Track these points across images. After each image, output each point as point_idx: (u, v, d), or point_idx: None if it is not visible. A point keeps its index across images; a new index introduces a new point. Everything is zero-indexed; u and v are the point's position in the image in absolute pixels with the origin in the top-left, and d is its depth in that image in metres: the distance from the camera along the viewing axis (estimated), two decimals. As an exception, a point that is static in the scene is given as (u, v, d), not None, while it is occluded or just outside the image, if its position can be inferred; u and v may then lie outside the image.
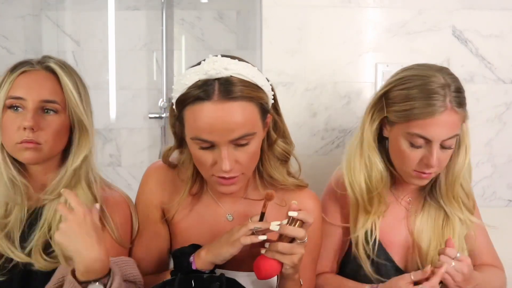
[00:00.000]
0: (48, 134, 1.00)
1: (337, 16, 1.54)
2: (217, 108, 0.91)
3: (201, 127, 0.92)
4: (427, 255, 1.15)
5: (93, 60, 2.26)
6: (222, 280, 0.93)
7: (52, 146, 1.01)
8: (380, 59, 1.55)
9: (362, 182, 1.13)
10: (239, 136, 0.92)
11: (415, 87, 1.05)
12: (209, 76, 0.91)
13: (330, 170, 1.31)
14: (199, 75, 0.92)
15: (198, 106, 0.92)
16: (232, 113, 0.91)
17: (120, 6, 2.27)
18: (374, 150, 1.14)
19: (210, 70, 0.91)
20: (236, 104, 0.91)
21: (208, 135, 0.92)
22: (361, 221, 1.14)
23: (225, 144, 0.92)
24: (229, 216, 1.10)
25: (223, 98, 0.91)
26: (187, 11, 2.31)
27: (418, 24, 1.55)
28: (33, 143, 0.98)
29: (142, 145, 2.36)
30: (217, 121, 0.91)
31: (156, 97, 2.31)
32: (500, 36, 1.57)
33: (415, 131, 1.03)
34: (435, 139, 1.03)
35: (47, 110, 1.01)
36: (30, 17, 2.26)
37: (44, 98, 1.00)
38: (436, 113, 1.01)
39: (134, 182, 2.31)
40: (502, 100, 1.60)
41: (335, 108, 1.57)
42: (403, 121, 1.06)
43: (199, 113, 0.92)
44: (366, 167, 1.13)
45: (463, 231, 1.17)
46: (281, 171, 1.08)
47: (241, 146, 0.95)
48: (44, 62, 1.04)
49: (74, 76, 1.06)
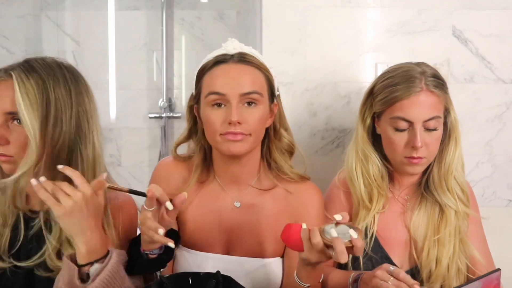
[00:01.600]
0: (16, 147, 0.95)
1: (337, 16, 1.54)
2: (231, 67, 1.07)
3: (215, 82, 1.06)
4: (423, 251, 1.16)
5: (93, 60, 2.26)
6: (218, 277, 0.94)
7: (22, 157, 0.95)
8: (380, 59, 1.56)
9: (360, 177, 1.18)
10: (249, 91, 1.05)
11: (394, 77, 1.14)
12: (227, 51, 1.08)
13: (330, 170, 1.31)
14: (218, 51, 1.09)
15: (216, 67, 1.08)
16: (244, 72, 1.07)
17: (120, 6, 2.27)
18: (368, 144, 1.19)
19: (229, 46, 1.09)
20: (248, 67, 1.08)
21: (222, 87, 1.04)
22: (361, 216, 1.17)
23: (236, 99, 1.04)
24: (237, 203, 1.14)
25: (238, 61, 1.07)
26: (187, 11, 2.31)
27: (418, 24, 1.55)
28: (6, 157, 0.95)
29: (142, 145, 2.35)
30: (230, 75, 1.06)
31: (156, 97, 2.31)
32: (500, 36, 1.57)
33: (396, 114, 1.10)
34: (416, 120, 1.08)
35: (18, 120, 0.94)
36: (30, 17, 2.26)
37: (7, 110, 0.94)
38: (412, 94, 1.09)
39: (134, 182, 2.31)
40: (502, 100, 1.60)
41: (335, 108, 1.57)
42: (386, 107, 1.13)
43: (216, 72, 1.07)
44: (362, 161, 1.18)
45: (460, 224, 1.17)
46: (288, 162, 1.16)
47: (249, 106, 1.06)
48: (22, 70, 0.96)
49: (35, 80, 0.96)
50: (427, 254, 1.15)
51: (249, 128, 1.05)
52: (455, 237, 1.16)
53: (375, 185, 1.17)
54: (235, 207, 1.15)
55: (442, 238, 1.15)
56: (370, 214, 1.16)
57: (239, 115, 1.03)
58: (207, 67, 1.09)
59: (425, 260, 1.15)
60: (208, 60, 1.10)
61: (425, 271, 1.15)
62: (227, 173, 1.15)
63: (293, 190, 1.15)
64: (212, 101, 1.05)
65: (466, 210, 1.17)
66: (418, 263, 1.16)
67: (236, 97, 1.04)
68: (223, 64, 1.07)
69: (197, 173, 1.15)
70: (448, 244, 1.15)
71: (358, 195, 1.18)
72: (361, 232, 0.92)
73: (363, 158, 1.18)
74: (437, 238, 1.15)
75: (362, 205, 1.17)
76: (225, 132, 1.04)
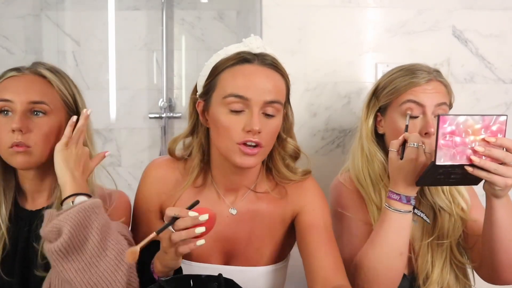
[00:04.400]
0: (38, 136, 0.99)
1: (337, 16, 1.54)
2: (258, 69, 0.98)
3: (239, 83, 0.97)
4: (419, 256, 1.15)
5: (93, 60, 2.26)
6: (221, 280, 0.93)
7: (42, 149, 1.00)
8: (380, 59, 1.56)
9: (367, 176, 1.17)
10: (272, 99, 0.98)
11: (402, 70, 1.16)
12: (251, 49, 1.01)
13: (330, 170, 1.31)
14: (240, 48, 1.01)
15: (239, 66, 0.99)
16: (270, 77, 0.99)
17: (120, 6, 2.27)
18: (373, 142, 1.20)
19: (253, 44, 1.01)
20: (273, 72, 1.00)
21: (247, 90, 0.96)
22: (373, 216, 1.15)
23: (258, 106, 0.96)
24: (233, 210, 1.09)
25: (264, 64, 0.99)
26: (187, 11, 2.31)
27: (418, 24, 1.55)
28: (23, 147, 0.97)
29: (142, 145, 2.35)
30: (256, 79, 0.97)
31: (156, 97, 2.32)
32: (500, 36, 1.57)
33: (407, 97, 1.11)
34: (428, 103, 1.10)
35: (36, 112, 1.00)
36: (30, 17, 2.26)
37: (32, 99, 0.99)
38: (424, 80, 1.11)
39: (134, 182, 2.30)
40: (502, 100, 1.60)
41: (335, 108, 1.57)
42: (395, 96, 1.14)
43: (239, 71, 0.98)
44: (368, 159, 1.18)
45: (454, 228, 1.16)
46: (292, 168, 1.11)
47: (268, 117, 0.99)
48: (33, 68, 1.04)
49: (65, 78, 1.06)
50: (423, 259, 1.14)
51: (265, 138, 0.98)
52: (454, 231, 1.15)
53: (382, 184, 1.16)
54: (231, 215, 1.08)
55: (435, 241, 1.15)
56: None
57: (260, 124, 0.96)
58: (228, 63, 0.99)
59: (421, 264, 1.15)
60: (227, 55, 1.00)
61: (422, 276, 1.14)
62: (225, 179, 1.08)
63: (289, 190, 1.11)
64: (231, 103, 0.96)
65: (462, 214, 1.16)
66: (415, 267, 1.15)
67: (260, 104, 0.96)
68: (248, 65, 0.98)
69: (193, 175, 1.07)
70: (441, 247, 1.15)
71: (368, 194, 1.17)
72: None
73: (369, 157, 1.18)
74: (429, 242, 1.15)
75: (373, 204, 1.16)
76: (242, 141, 0.96)
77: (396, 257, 1.03)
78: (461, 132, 0.88)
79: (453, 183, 0.99)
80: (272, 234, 1.08)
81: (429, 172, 0.93)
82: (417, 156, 0.98)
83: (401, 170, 1.00)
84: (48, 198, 1.06)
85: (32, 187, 1.06)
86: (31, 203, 1.07)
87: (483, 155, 0.89)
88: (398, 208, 1.01)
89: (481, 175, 0.90)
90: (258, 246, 1.08)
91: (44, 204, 1.05)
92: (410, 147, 0.99)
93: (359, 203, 1.18)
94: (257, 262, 1.09)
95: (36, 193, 1.06)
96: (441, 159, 0.89)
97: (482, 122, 0.89)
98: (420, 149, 0.98)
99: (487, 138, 0.89)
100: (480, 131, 0.89)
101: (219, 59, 1.01)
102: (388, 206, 1.03)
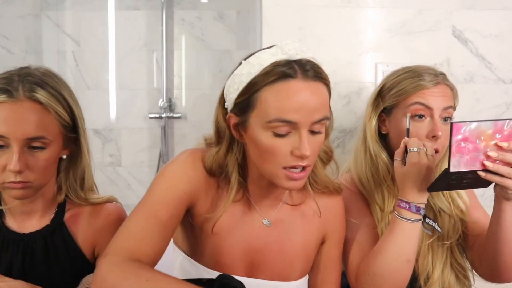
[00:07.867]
0: (38, 171, 0.92)
1: (337, 16, 1.54)
2: (302, 86, 0.87)
3: (287, 106, 0.86)
4: (419, 257, 1.15)
5: (93, 60, 2.27)
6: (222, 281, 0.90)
7: (42, 181, 0.94)
8: (380, 59, 1.56)
9: (370, 176, 1.16)
10: (320, 118, 0.88)
11: (409, 72, 1.15)
12: (289, 56, 0.88)
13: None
14: (277, 56, 0.89)
15: (284, 84, 0.86)
16: (316, 93, 0.88)
17: (120, 6, 2.27)
18: (377, 143, 1.18)
19: (291, 50, 0.89)
20: (318, 84, 0.89)
21: (294, 114, 0.85)
22: (377, 218, 1.15)
23: (306, 127, 0.87)
24: (266, 221, 1.03)
25: (307, 77, 0.88)
26: (187, 11, 2.31)
27: (418, 24, 1.55)
28: (22, 183, 0.90)
29: (142, 145, 2.36)
30: (302, 99, 0.86)
31: (156, 97, 2.32)
32: (500, 36, 1.57)
33: (415, 100, 1.11)
34: (436, 106, 1.09)
35: (35, 147, 0.91)
36: (30, 17, 2.26)
37: (30, 135, 0.89)
38: (430, 85, 1.11)
39: (134, 182, 2.31)
40: (502, 100, 1.60)
41: (335, 108, 1.55)
42: (402, 99, 1.13)
43: (283, 91, 0.86)
44: (372, 160, 1.17)
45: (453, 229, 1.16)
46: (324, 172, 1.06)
47: (315, 134, 0.90)
48: (27, 90, 0.90)
49: (59, 92, 0.94)
50: (423, 259, 1.14)
51: (312, 159, 0.91)
52: (453, 232, 1.15)
53: (385, 185, 1.15)
54: (263, 225, 1.02)
55: (436, 242, 1.15)
56: (385, 216, 1.14)
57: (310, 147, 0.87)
58: (267, 79, 0.87)
59: (422, 265, 1.14)
60: (263, 65, 0.88)
61: (422, 277, 1.14)
62: (262, 193, 1.02)
63: (322, 206, 1.06)
64: (276, 127, 0.87)
65: (461, 215, 1.16)
66: (416, 268, 1.14)
67: (308, 126, 0.87)
68: (292, 81, 0.86)
69: (233, 193, 0.97)
70: (441, 248, 1.15)
71: (371, 195, 1.16)
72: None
73: (374, 157, 1.17)
74: (430, 243, 1.15)
75: (376, 205, 1.16)
76: (290, 165, 0.89)
77: (403, 264, 1.02)
78: (474, 138, 0.89)
79: (465, 187, 0.99)
80: (303, 248, 1.05)
81: (442, 179, 0.93)
82: (419, 159, 0.98)
83: (406, 176, 1.00)
84: (40, 219, 0.99)
85: (21, 208, 0.98)
86: (20, 225, 0.99)
87: (496, 159, 0.90)
88: (407, 217, 1.00)
89: (494, 179, 0.91)
90: (289, 259, 1.04)
91: (37, 227, 0.99)
92: (411, 152, 0.99)
93: (362, 205, 1.18)
94: (285, 277, 1.04)
95: (24, 214, 0.99)
96: (454, 166, 0.89)
97: (494, 127, 0.89)
98: (421, 152, 0.99)
99: (499, 143, 0.90)
100: (492, 136, 0.90)
101: (253, 70, 0.89)
102: (398, 214, 1.01)
